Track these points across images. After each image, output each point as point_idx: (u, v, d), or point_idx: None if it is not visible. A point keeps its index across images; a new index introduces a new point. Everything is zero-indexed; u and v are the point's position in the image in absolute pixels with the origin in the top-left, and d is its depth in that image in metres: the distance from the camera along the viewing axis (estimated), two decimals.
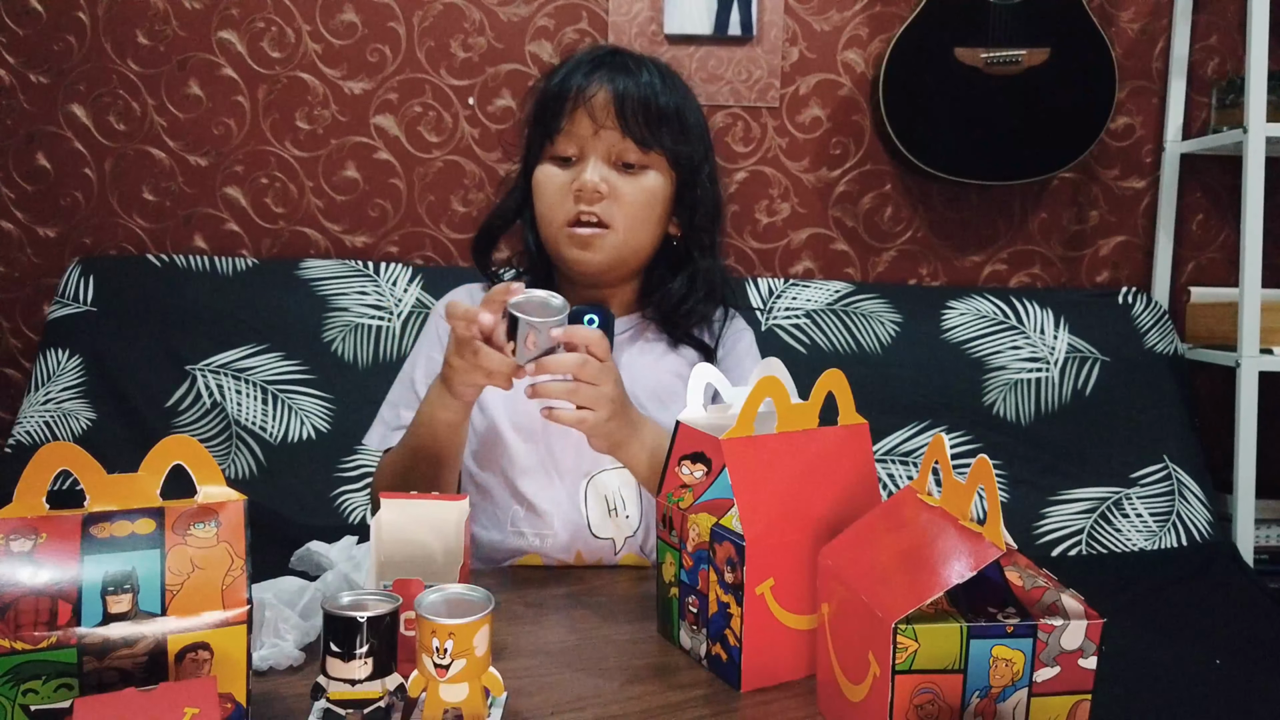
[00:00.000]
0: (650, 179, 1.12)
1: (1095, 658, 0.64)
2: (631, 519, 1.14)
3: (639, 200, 1.12)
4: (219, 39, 2.06)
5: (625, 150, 1.10)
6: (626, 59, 1.14)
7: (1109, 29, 2.11)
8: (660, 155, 1.12)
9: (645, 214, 1.13)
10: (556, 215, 1.12)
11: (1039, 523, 1.88)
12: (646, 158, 1.12)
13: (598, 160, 1.10)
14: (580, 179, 1.09)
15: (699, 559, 0.82)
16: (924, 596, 0.62)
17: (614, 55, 1.15)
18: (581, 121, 1.10)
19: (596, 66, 1.12)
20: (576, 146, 1.11)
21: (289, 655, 0.78)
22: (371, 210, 2.11)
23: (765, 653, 0.78)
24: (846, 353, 1.96)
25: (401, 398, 1.18)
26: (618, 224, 1.11)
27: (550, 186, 1.12)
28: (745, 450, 0.79)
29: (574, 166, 1.12)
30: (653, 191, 1.13)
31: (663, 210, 1.15)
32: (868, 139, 2.15)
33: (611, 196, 1.10)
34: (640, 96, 1.10)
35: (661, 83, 1.13)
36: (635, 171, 1.12)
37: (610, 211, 1.10)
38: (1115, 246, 2.20)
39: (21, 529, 0.61)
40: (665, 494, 0.87)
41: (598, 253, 1.12)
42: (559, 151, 1.12)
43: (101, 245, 2.09)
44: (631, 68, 1.12)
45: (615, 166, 1.11)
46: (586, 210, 1.10)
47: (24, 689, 0.58)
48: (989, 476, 0.66)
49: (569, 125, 1.10)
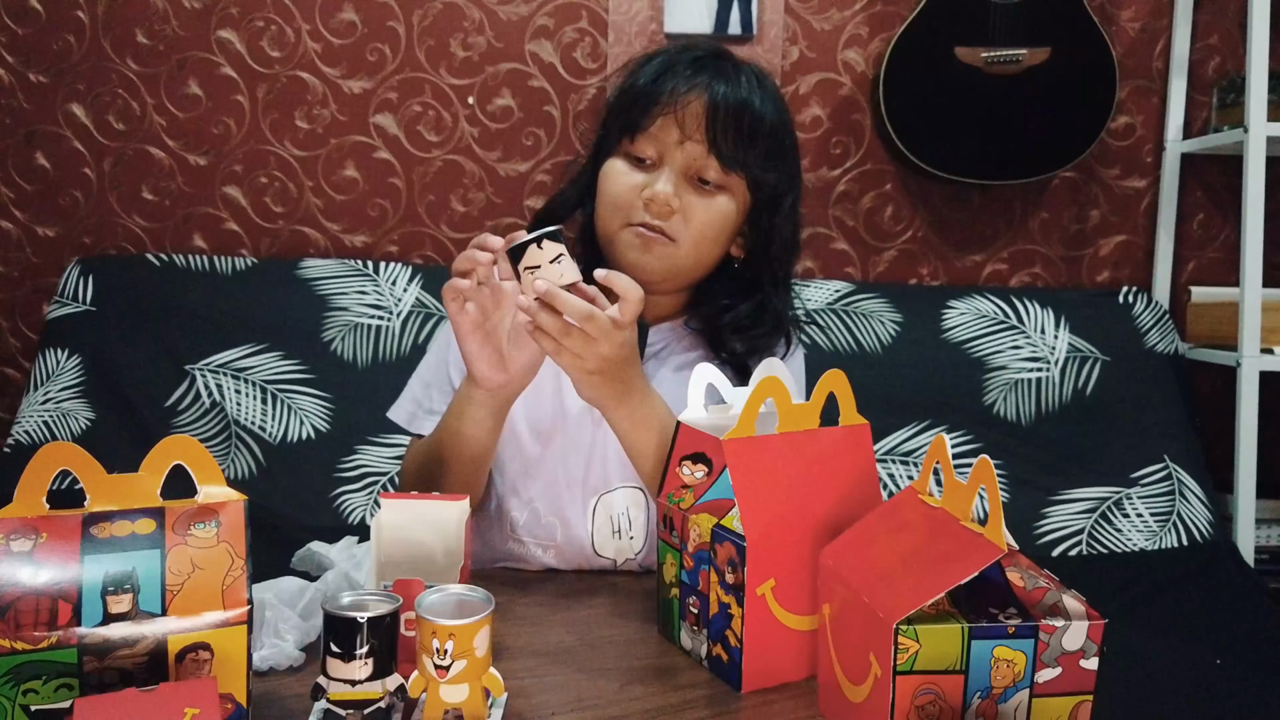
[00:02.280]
0: (724, 202, 1.06)
1: (1096, 658, 0.64)
2: (635, 541, 1.11)
3: (709, 222, 1.05)
4: (218, 38, 2.06)
5: (706, 167, 1.04)
6: (728, 66, 1.06)
7: (1109, 28, 2.11)
8: (740, 177, 1.06)
9: (713, 236, 1.07)
10: (619, 216, 1.06)
11: (1040, 523, 1.88)
12: (726, 178, 1.05)
13: (674, 172, 1.04)
14: (653, 188, 1.03)
15: (700, 559, 0.81)
16: (925, 597, 0.62)
17: (717, 60, 1.06)
18: (668, 127, 1.03)
19: (698, 70, 1.04)
20: (656, 151, 1.04)
21: (289, 655, 0.78)
22: (371, 210, 2.11)
23: (766, 653, 0.78)
24: (847, 352, 1.96)
25: (435, 376, 1.13)
26: (682, 240, 1.05)
27: (619, 184, 1.06)
28: (746, 451, 0.79)
29: (648, 170, 1.05)
30: (726, 215, 1.07)
31: (731, 232, 1.09)
32: (868, 138, 2.15)
33: (681, 213, 1.04)
34: (736, 113, 1.02)
35: (761, 99, 1.05)
36: (711, 190, 1.05)
37: (678, 228, 1.04)
38: (1116, 246, 2.20)
39: (21, 529, 0.61)
40: (666, 494, 0.87)
41: (657, 260, 1.06)
42: (636, 151, 1.05)
43: (101, 245, 2.09)
44: (732, 76, 1.05)
45: (691, 180, 1.05)
46: (653, 222, 1.04)
47: (24, 689, 0.58)
48: (990, 477, 0.66)
49: (654, 128, 1.03)
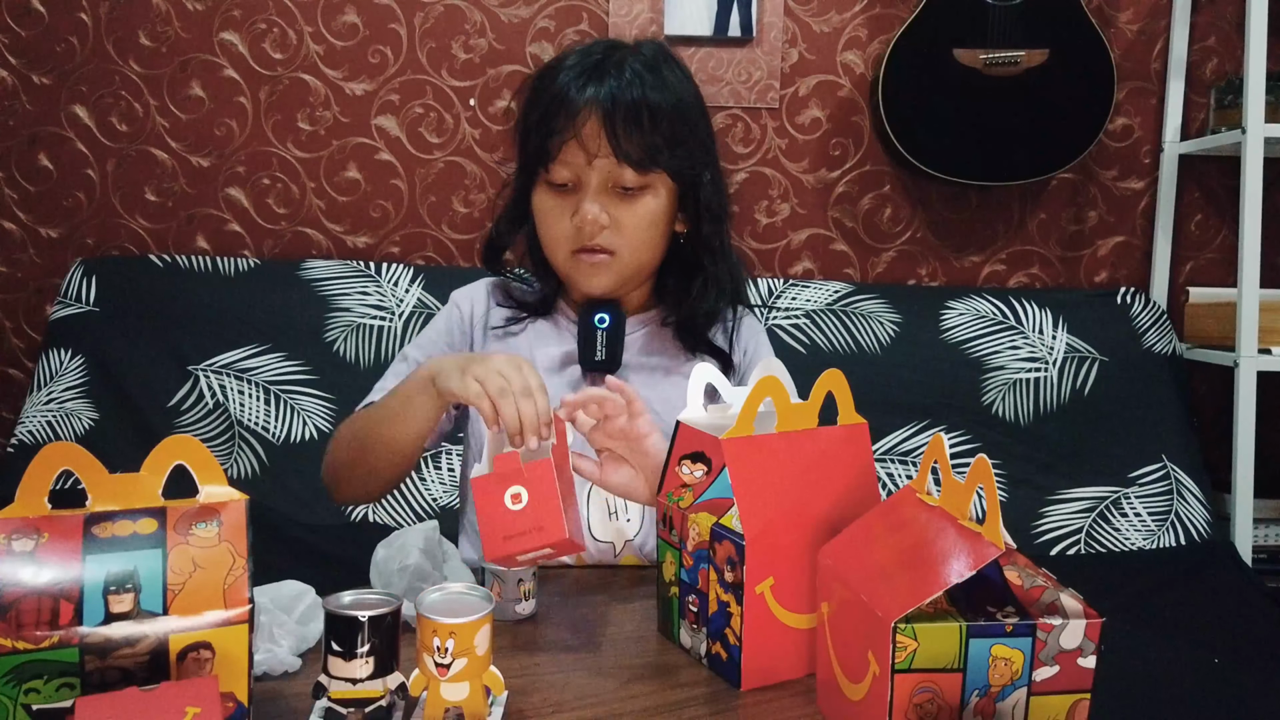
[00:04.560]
0: (649, 200, 1.09)
1: (1094, 657, 0.64)
2: (633, 522, 1.13)
3: (640, 225, 1.10)
4: (221, 40, 2.06)
5: (621, 176, 1.07)
6: (616, 61, 1.08)
7: (1108, 30, 2.11)
8: (658, 172, 1.09)
9: (648, 235, 1.11)
10: (561, 247, 1.11)
11: (1038, 522, 1.88)
12: (644, 178, 1.08)
13: (595, 192, 1.07)
14: (579, 214, 1.07)
15: (699, 558, 0.82)
16: (923, 596, 0.63)
17: (604, 60, 1.08)
18: (574, 151, 1.06)
19: (586, 82, 1.06)
20: (571, 174, 1.08)
21: (283, 661, 0.77)
22: (373, 211, 2.11)
23: (765, 652, 0.78)
24: (846, 353, 1.96)
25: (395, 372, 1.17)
26: (621, 250, 1.10)
27: (550, 217, 1.10)
28: (745, 450, 0.79)
29: (571, 194, 1.09)
30: (654, 212, 1.10)
31: (666, 224, 1.13)
32: (867, 140, 2.15)
33: (612, 226, 1.08)
34: (633, 114, 1.05)
35: (655, 87, 1.07)
36: (633, 195, 1.08)
37: (613, 240, 1.09)
38: (1114, 247, 2.20)
39: (23, 529, 0.61)
40: (665, 493, 0.87)
41: (606, 277, 1.11)
42: (554, 179, 1.09)
43: (104, 246, 2.09)
44: (621, 74, 1.06)
45: (613, 191, 1.08)
46: (591, 244, 1.08)
47: (26, 688, 0.58)
48: (988, 476, 0.66)
49: (562, 154, 1.06)
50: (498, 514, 0.82)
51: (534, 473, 0.81)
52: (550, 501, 0.80)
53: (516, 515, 0.81)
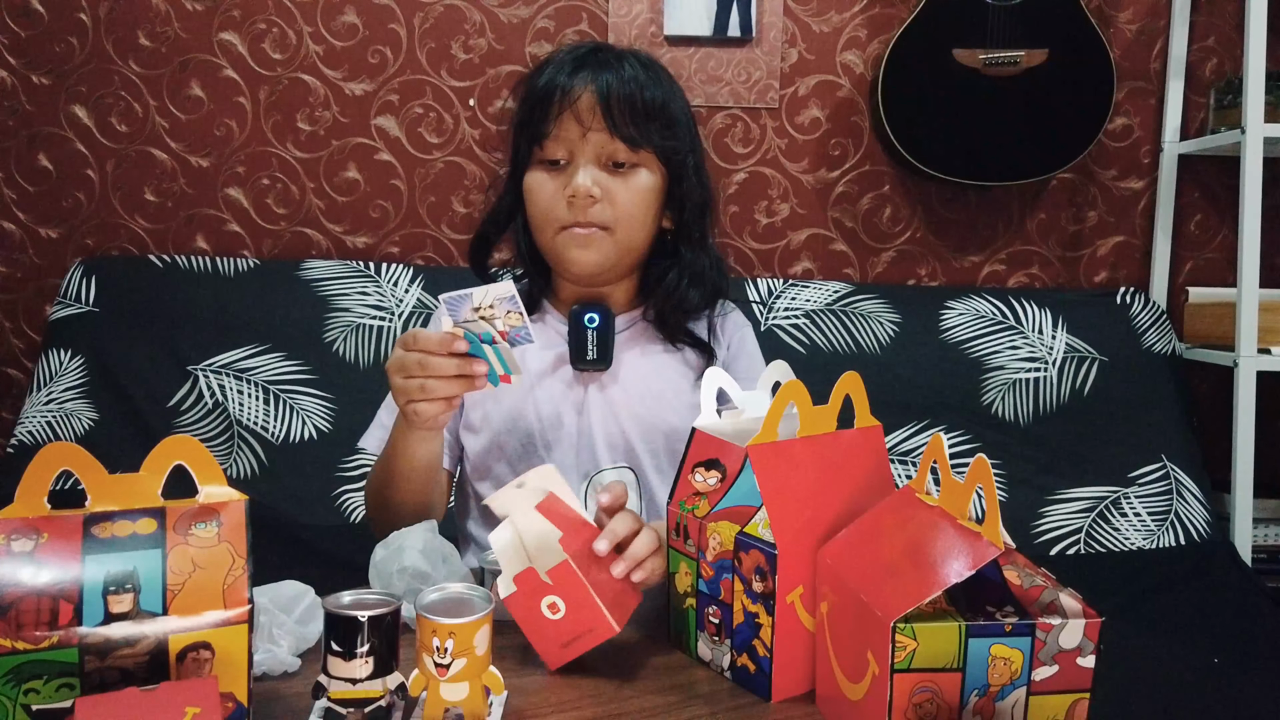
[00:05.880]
0: (642, 177, 1.11)
1: (1093, 656, 0.64)
2: None
3: (633, 200, 1.11)
4: (220, 40, 2.06)
5: (615, 150, 1.09)
6: (609, 55, 1.12)
7: (1107, 30, 2.11)
8: (650, 152, 1.11)
9: (640, 213, 1.12)
10: (551, 221, 1.11)
11: (1037, 522, 1.88)
12: (636, 156, 1.10)
13: (588, 163, 1.09)
14: (572, 184, 1.08)
15: (721, 568, 0.80)
16: (923, 595, 0.63)
17: (595, 53, 1.12)
18: (568, 125, 1.08)
19: (580, 66, 1.10)
20: (565, 150, 1.09)
21: (283, 661, 0.78)
22: (372, 211, 2.11)
23: (796, 662, 0.76)
24: (846, 353, 1.96)
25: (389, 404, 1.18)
26: (614, 225, 1.10)
27: (543, 193, 1.11)
28: (771, 457, 0.78)
29: (564, 171, 1.10)
30: (647, 189, 1.12)
31: (657, 206, 1.15)
32: (866, 140, 2.15)
33: (605, 199, 1.09)
34: (625, 94, 1.08)
35: (646, 76, 1.11)
36: (626, 171, 1.10)
37: (605, 214, 1.09)
38: (1113, 247, 2.20)
39: (23, 529, 0.61)
40: (678, 501, 0.85)
41: (596, 252, 1.11)
42: (548, 155, 1.10)
43: (103, 246, 2.09)
44: (614, 64, 1.10)
45: (605, 167, 1.09)
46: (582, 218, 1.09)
47: (25, 689, 0.58)
48: (987, 476, 0.66)
49: (556, 129, 1.08)
50: (543, 627, 0.80)
51: (559, 579, 0.78)
52: (587, 603, 0.78)
53: (560, 624, 0.79)
